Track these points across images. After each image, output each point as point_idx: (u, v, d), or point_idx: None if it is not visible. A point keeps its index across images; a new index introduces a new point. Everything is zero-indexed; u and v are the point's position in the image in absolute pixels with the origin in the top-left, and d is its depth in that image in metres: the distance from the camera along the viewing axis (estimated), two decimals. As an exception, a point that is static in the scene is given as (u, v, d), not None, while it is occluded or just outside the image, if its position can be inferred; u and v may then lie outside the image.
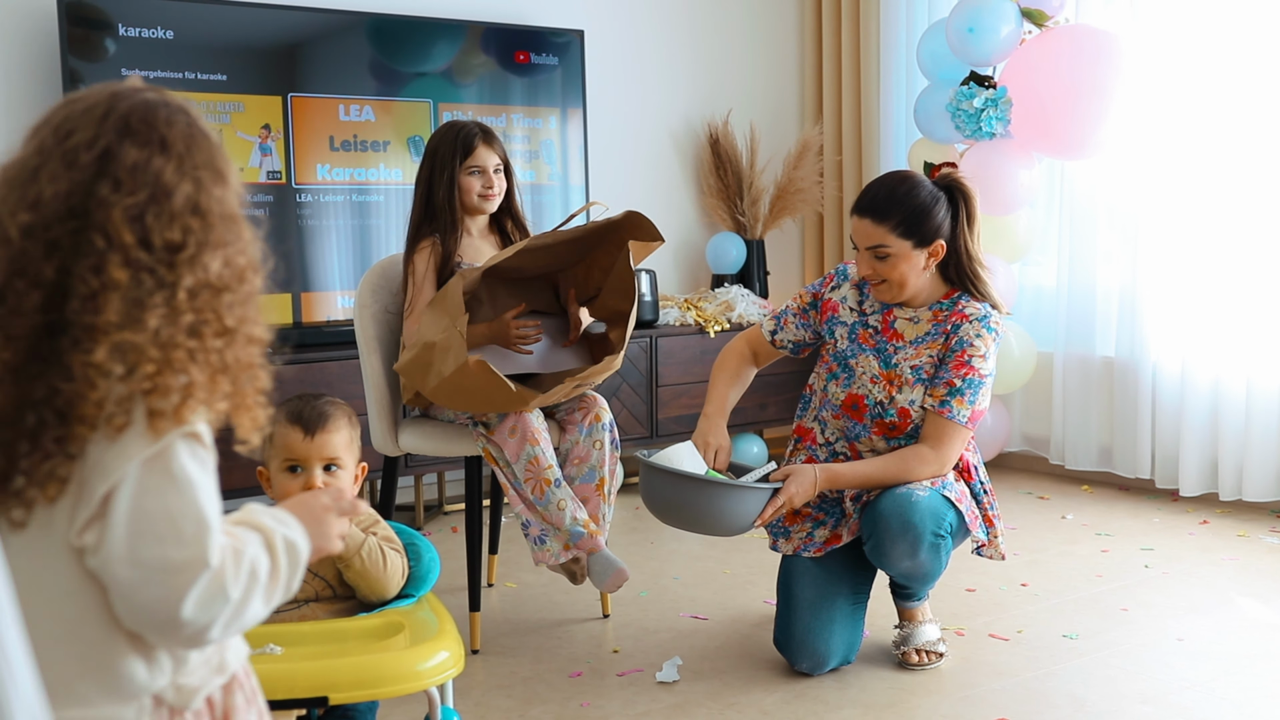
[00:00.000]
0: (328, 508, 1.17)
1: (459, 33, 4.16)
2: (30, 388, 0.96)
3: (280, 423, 1.91)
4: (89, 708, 0.99)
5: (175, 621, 0.97)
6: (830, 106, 5.02)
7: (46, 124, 1.05)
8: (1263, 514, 3.88)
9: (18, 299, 0.97)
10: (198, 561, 0.98)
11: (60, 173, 1.00)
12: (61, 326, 0.97)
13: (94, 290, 0.97)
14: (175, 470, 0.99)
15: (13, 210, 0.99)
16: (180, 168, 1.03)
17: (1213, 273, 3.95)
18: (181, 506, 0.98)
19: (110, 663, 1.00)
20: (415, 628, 1.77)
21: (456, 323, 2.57)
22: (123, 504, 0.96)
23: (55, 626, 0.99)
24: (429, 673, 1.66)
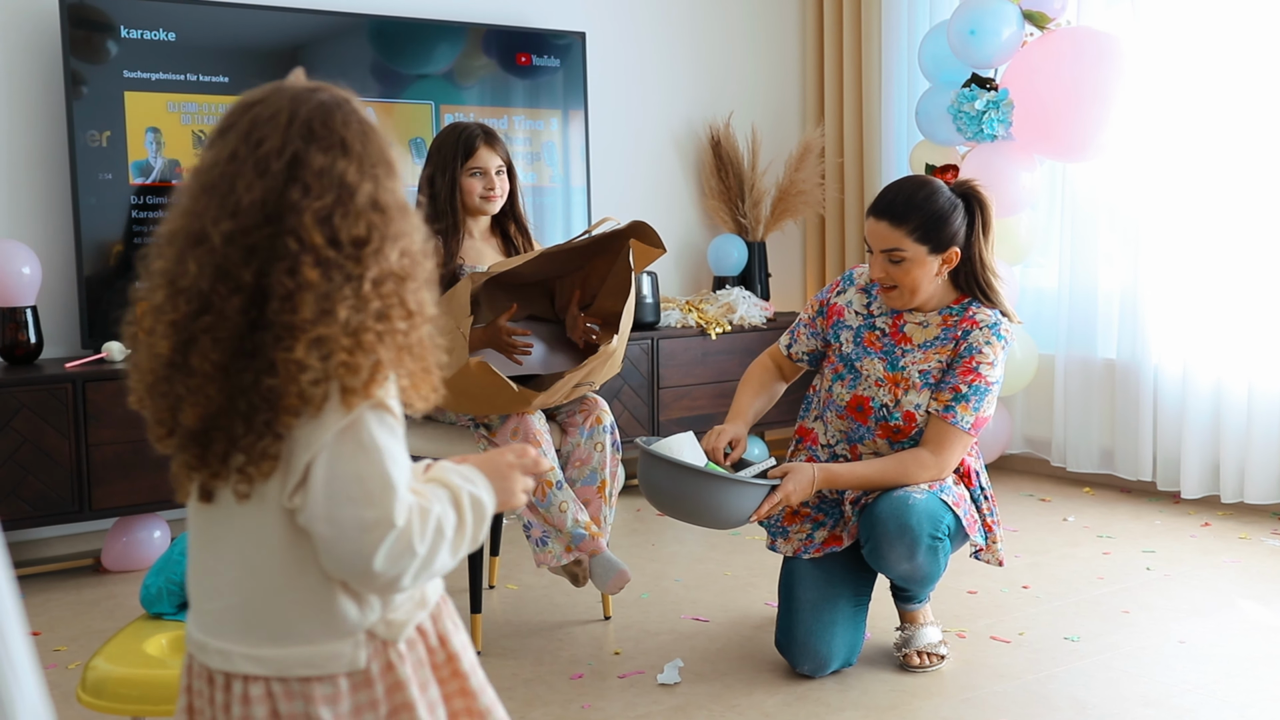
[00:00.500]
0: (512, 465, 1.25)
1: (460, 35, 4.16)
2: (239, 379, 1.07)
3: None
4: (312, 645, 1.12)
5: (369, 573, 1.09)
6: (832, 108, 5.03)
7: (233, 129, 1.11)
8: (1264, 516, 3.88)
9: (222, 304, 1.06)
10: (385, 521, 1.08)
11: (254, 180, 1.07)
12: (262, 323, 1.06)
13: (290, 291, 1.06)
14: (365, 439, 1.08)
15: (215, 218, 1.07)
16: (360, 167, 1.11)
17: (1214, 275, 3.95)
18: (370, 471, 1.08)
19: (327, 604, 1.12)
20: None
21: (460, 325, 2.57)
22: (320, 470, 1.08)
23: (279, 577, 1.12)
24: None
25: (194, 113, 3.70)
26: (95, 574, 3.50)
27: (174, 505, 3.45)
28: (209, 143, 1.12)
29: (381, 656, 1.15)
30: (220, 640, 1.14)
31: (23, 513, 3.22)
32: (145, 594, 1.89)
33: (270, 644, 1.12)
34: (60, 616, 3.11)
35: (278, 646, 1.12)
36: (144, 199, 3.62)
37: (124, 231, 3.60)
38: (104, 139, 3.56)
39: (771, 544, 2.71)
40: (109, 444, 3.32)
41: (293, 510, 1.10)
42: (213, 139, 1.12)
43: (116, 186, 3.58)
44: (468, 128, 2.90)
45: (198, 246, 1.08)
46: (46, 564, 3.54)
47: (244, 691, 1.12)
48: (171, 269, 1.08)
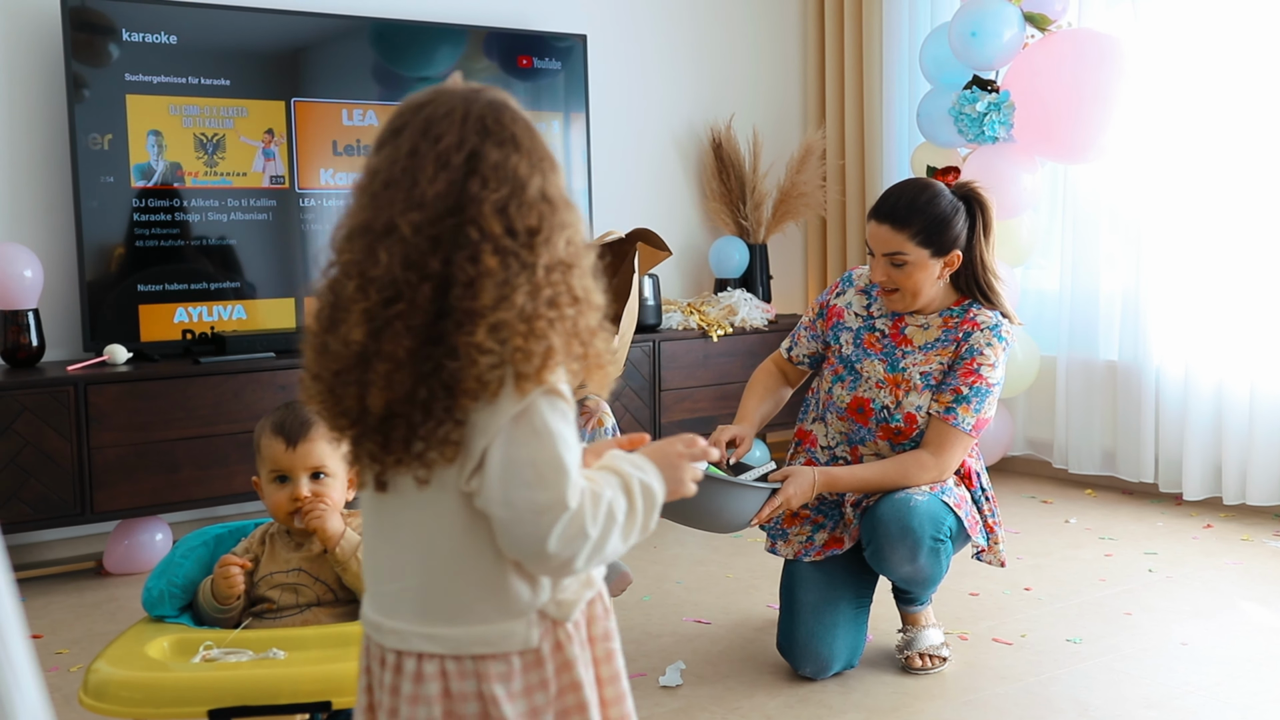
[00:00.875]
0: (681, 455, 1.29)
1: (462, 37, 4.17)
2: (424, 366, 1.11)
3: (265, 433, 1.92)
4: (487, 624, 1.17)
5: (544, 554, 1.13)
6: (833, 110, 5.03)
7: (407, 128, 1.16)
8: (1266, 518, 3.87)
9: (412, 291, 1.11)
10: (559, 503, 1.12)
11: (436, 174, 1.13)
12: (446, 310, 1.11)
13: (472, 277, 1.11)
14: (538, 424, 1.13)
15: (402, 210, 1.12)
16: (530, 162, 1.16)
17: (1216, 276, 3.95)
18: (543, 455, 1.13)
19: (501, 585, 1.17)
20: None
21: None
22: (496, 455, 1.12)
23: (457, 560, 1.17)
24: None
25: (195, 115, 3.70)
26: (97, 577, 3.50)
27: (176, 508, 3.45)
28: (380, 142, 1.18)
29: (551, 636, 1.19)
30: (396, 620, 1.18)
31: (24, 515, 3.22)
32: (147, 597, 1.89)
33: (446, 624, 1.17)
34: (62, 619, 3.11)
35: (454, 626, 1.16)
36: (145, 202, 3.63)
37: (125, 234, 3.60)
38: (105, 142, 3.56)
39: (771, 547, 2.70)
40: (110, 447, 3.32)
41: (470, 494, 1.14)
42: (384, 139, 1.18)
43: (118, 189, 3.58)
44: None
45: (387, 237, 1.12)
46: (48, 567, 3.54)
47: (417, 669, 1.16)
48: (362, 260, 1.13)
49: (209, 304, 3.75)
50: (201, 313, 3.73)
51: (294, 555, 1.91)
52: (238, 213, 3.78)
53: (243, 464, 3.49)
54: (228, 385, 3.48)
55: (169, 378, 3.40)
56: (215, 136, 3.74)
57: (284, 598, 1.88)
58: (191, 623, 1.87)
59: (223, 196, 3.75)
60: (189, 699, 1.60)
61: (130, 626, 1.85)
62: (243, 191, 3.79)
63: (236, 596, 1.86)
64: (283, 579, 1.89)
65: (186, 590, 1.92)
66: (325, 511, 1.88)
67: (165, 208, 3.66)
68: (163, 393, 3.39)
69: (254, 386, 3.51)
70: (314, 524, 1.87)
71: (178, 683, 1.64)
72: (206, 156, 3.72)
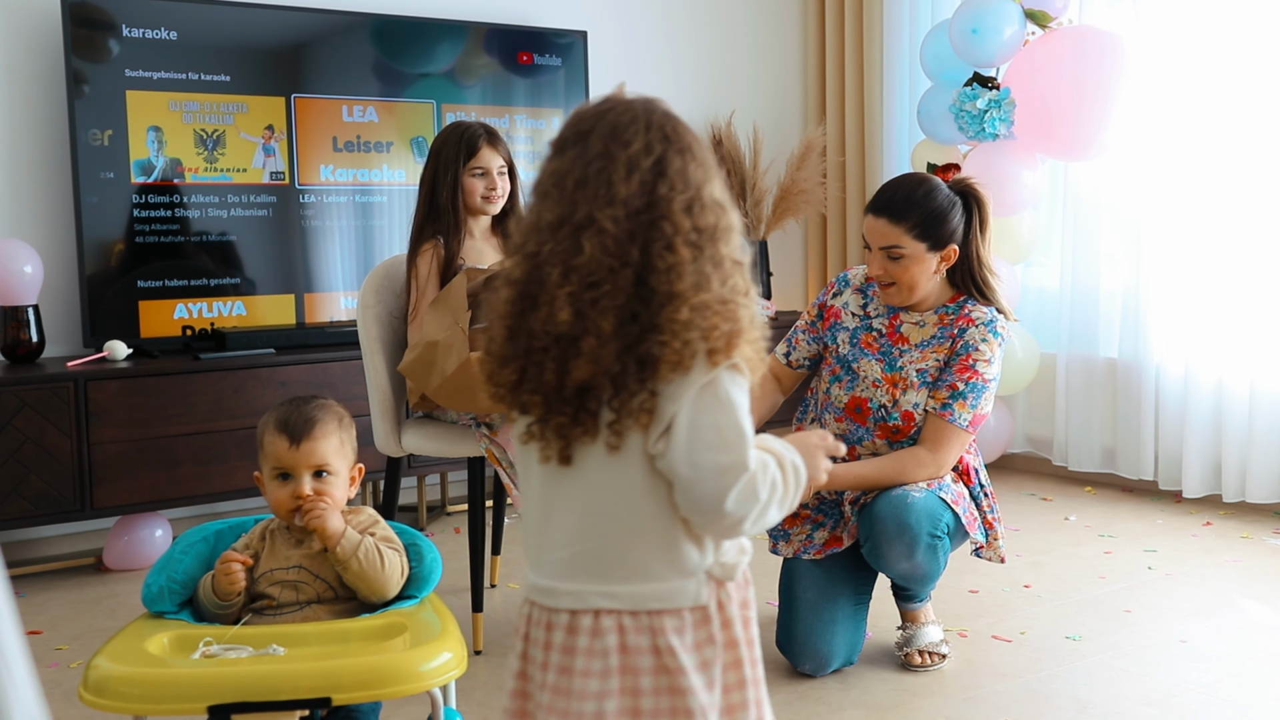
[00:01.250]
0: (817, 446, 1.42)
1: (462, 33, 4.16)
2: (624, 343, 1.23)
3: (268, 430, 1.92)
4: (664, 582, 1.27)
5: (720, 513, 1.24)
6: (833, 107, 5.02)
7: (593, 132, 1.30)
8: (1266, 515, 3.87)
9: (614, 277, 1.24)
10: (739, 465, 1.24)
11: (628, 175, 1.26)
12: (645, 294, 1.24)
13: (670, 265, 1.24)
14: (722, 394, 1.25)
15: (600, 206, 1.25)
16: (703, 169, 1.31)
17: (1216, 274, 3.94)
18: (727, 421, 1.25)
19: (675, 546, 1.28)
20: (418, 629, 1.77)
21: (459, 320, 2.57)
22: (683, 420, 1.24)
23: (638, 520, 1.27)
24: (432, 674, 1.65)
25: (195, 112, 3.70)
26: (97, 573, 3.50)
27: (176, 504, 3.45)
28: (562, 145, 1.32)
29: (715, 596, 1.30)
30: (572, 583, 1.28)
31: (24, 511, 3.22)
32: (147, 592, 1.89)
33: (624, 582, 1.27)
34: (62, 615, 3.11)
35: (632, 584, 1.27)
36: (145, 198, 3.63)
37: (126, 230, 3.60)
38: (105, 138, 3.56)
39: (773, 547, 2.70)
40: (110, 443, 3.32)
41: (654, 457, 1.26)
42: (567, 141, 1.32)
43: (118, 185, 3.58)
44: (470, 127, 2.90)
45: (587, 229, 1.25)
46: (48, 563, 3.54)
47: (594, 625, 1.26)
48: (566, 250, 1.25)
49: (209, 300, 3.75)
50: (201, 309, 3.73)
51: (295, 552, 1.91)
52: (238, 209, 3.78)
53: (242, 460, 3.49)
54: (228, 381, 3.48)
55: (169, 374, 3.40)
56: (215, 132, 3.74)
57: (284, 594, 1.88)
58: (191, 619, 1.87)
59: (223, 192, 3.75)
60: (188, 695, 1.60)
61: (130, 622, 1.85)
62: (243, 187, 3.79)
63: (237, 593, 1.86)
64: (283, 576, 1.89)
65: (186, 586, 1.92)
66: (326, 510, 1.88)
67: (165, 204, 3.66)
68: (163, 389, 3.39)
69: (254, 383, 3.51)
70: (314, 523, 1.87)
71: (177, 679, 1.64)
72: (207, 152, 3.72)
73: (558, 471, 1.30)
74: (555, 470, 1.30)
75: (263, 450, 1.93)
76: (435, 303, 2.68)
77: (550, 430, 1.28)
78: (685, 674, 1.26)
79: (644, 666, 1.26)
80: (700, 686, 1.27)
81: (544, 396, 1.27)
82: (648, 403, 1.24)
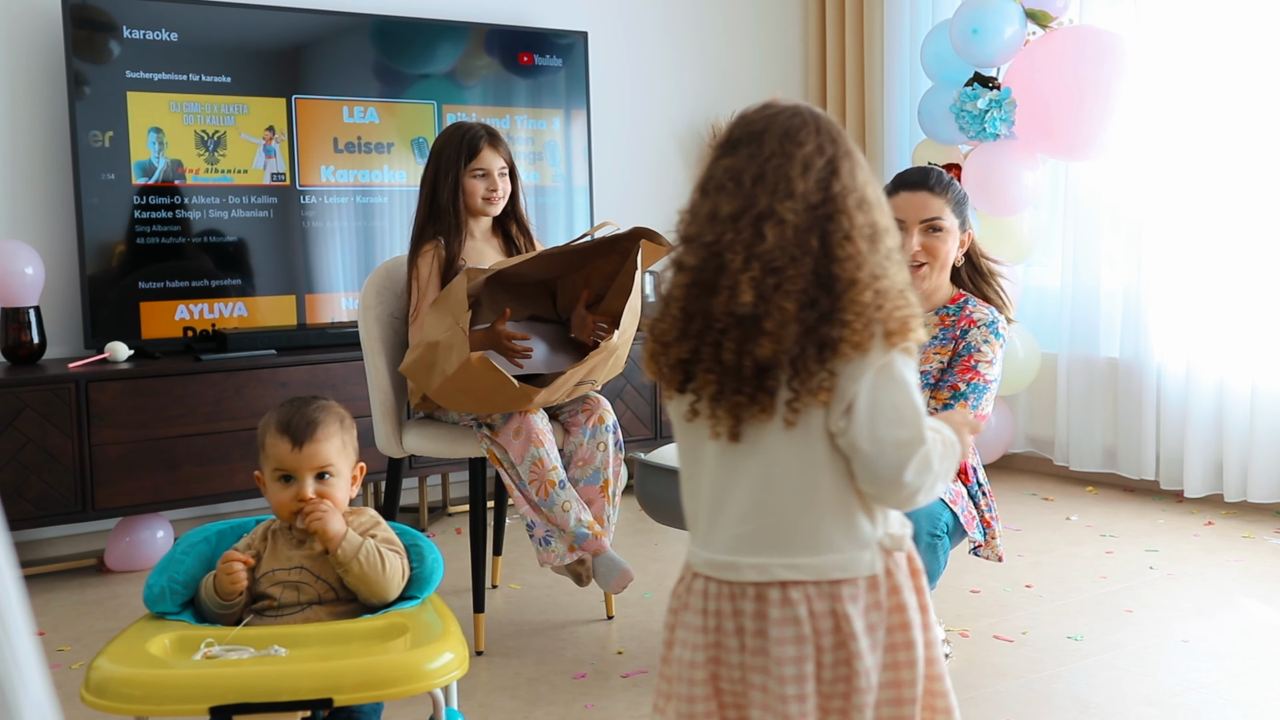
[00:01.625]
0: (963, 424, 1.51)
1: (463, 34, 4.17)
2: (803, 326, 1.32)
3: (270, 431, 1.92)
4: (842, 553, 1.37)
5: (899, 483, 1.34)
6: (834, 107, 5.02)
7: (766, 133, 1.39)
8: (1267, 515, 3.87)
9: (795, 264, 1.33)
10: (917, 439, 1.34)
11: (803, 173, 1.36)
12: (826, 281, 1.33)
13: (849, 255, 1.34)
14: (897, 374, 1.34)
15: (780, 199, 1.35)
16: (863, 170, 1.40)
17: (1217, 274, 3.94)
18: (903, 399, 1.34)
19: (851, 519, 1.37)
20: (419, 629, 1.77)
21: (459, 320, 2.57)
22: (863, 399, 1.33)
23: (819, 494, 1.36)
24: (433, 674, 1.65)
25: (196, 113, 3.70)
26: (98, 574, 3.50)
27: (177, 505, 3.45)
28: (733, 144, 1.40)
29: (884, 565, 1.39)
30: (756, 557, 1.36)
31: (26, 513, 3.22)
32: (148, 593, 1.89)
33: (808, 554, 1.36)
34: (63, 616, 3.11)
35: (814, 555, 1.36)
36: (146, 199, 3.63)
37: (126, 231, 3.60)
38: (106, 139, 3.56)
39: None
40: (112, 444, 3.32)
41: (835, 434, 1.34)
42: (740, 140, 1.40)
43: (119, 186, 3.58)
44: (471, 128, 2.90)
45: (769, 220, 1.34)
46: (50, 564, 3.55)
47: (782, 595, 1.35)
48: (748, 238, 1.35)
49: (210, 301, 3.75)
50: (202, 310, 3.73)
51: (296, 552, 1.91)
52: (238, 210, 3.78)
53: (244, 461, 3.49)
54: (229, 382, 3.48)
55: (170, 375, 3.41)
56: (216, 134, 3.74)
57: (285, 595, 1.88)
58: (192, 620, 1.87)
59: (223, 194, 3.76)
60: (190, 696, 1.60)
61: (131, 624, 1.85)
62: (243, 189, 3.79)
63: (239, 593, 1.86)
64: (285, 576, 1.89)
65: (188, 587, 1.92)
66: (327, 513, 1.87)
67: (166, 205, 3.66)
68: (164, 390, 3.39)
69: (255, 383, 3.51)
70: (315, 526, 1.87)
71: (179, 680, 1.64)
72: (207, 154, 3.72)
73: (732, 450, 1.38)
74: (729, 448, 1.38)
75: (264, 452, 1.93)
76: (436, 303, 2.68)
77: (723, 408, 1.36)
78: (856, 638, 1.36)
79: (825, 630, 1.36)
80: (866, 649, 1.36)
81: (719, 375, 1.35)
82: (827, 382, 1.32)
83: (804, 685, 1.36)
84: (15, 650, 0.87)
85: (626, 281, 2.84)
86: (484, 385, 2.59)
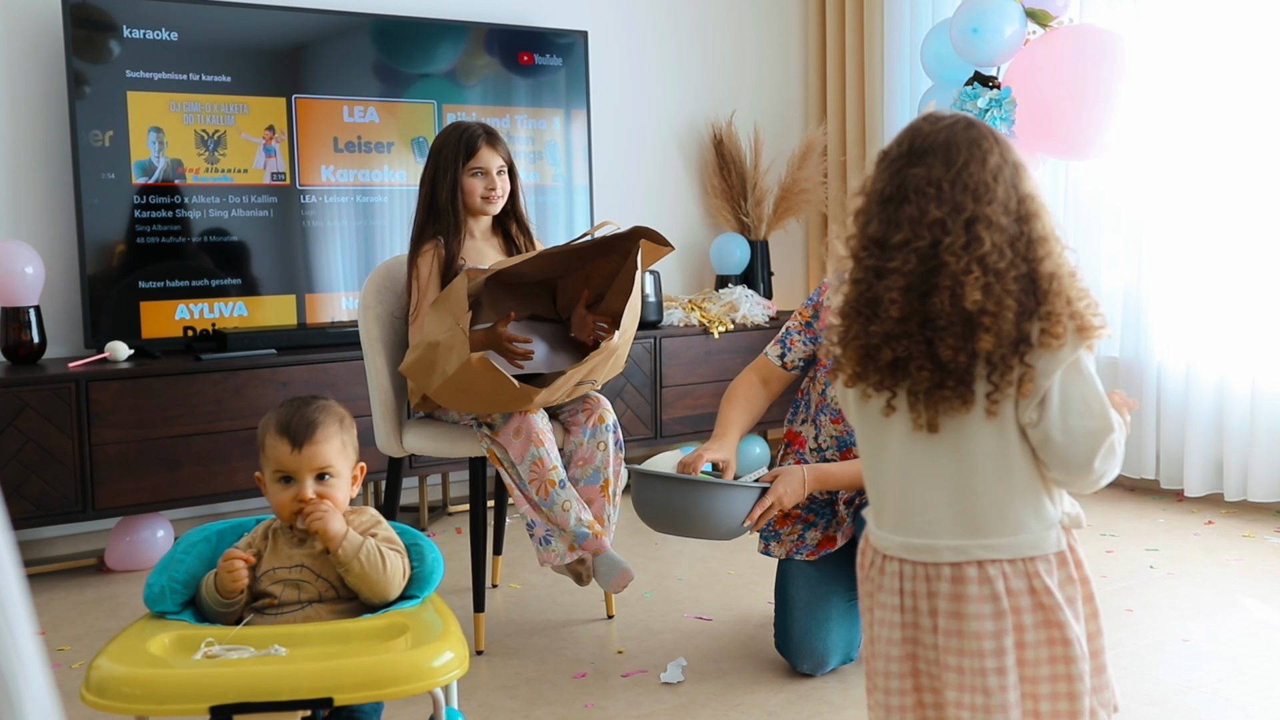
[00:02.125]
0: (1122, 403, 1.61)
1: (463, 34, 4.16)
2: (1016, 321, 1.42)
3: (269, 433, 1.91)
4: (1033, 532, 1.48)
5: (1087, 469, 1.46)
6: (834, 107, 5.02)
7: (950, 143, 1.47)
8: (1268, 514, 3.87)
9: (1009, 265, 1.43)
10: (1106, 428, 1.46)
11: (995, 180, 1.46)
12: (1031, 280, 1.44)
13: (1049, 254, 1.45)
14: (1084, 368, 1.46)
15: (985, 204, 1.44)
16: (1032, 180, 1.50)
17: (1217, 273, 3.94)
18: (1091, 392, 1.46)
19: (1039, 499, 1.49)
20: (419, 629, 1.77)
21: (460, 320, 2.57)
22: (1055, 392, 1.44)
23: (1012, 480, 1.48)
24: (434, 673, 1.66)
25: (196, 112, 3.70)
26: (98, 573, 3.50)
27: (177, 505, 3.45)
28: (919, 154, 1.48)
29: (1067, 541, 1.51)
30: (953, 539, 1.48)
31: (26, 512, 3.22)
32: (148, 593, 1.89)
33: (1003, 535, 1.47)
34: (63, 616, 3.11)
35: (1010, 536, 1.47)
36: (146, 198, 3.63)
37: (127, 231, 3.60)
38: (106, 139, 3.56)
39: (764, 549, 2.70)
40: (112, 443, 3.32)
41: (1025, 425, 1.46)
42: (926, 150, 1.48)
43: (119, 186, 3.58)
44: (469, 127, 2.89)
45: (980, 224, 1.44)
46: (50, 564, 3.55)
47: (980, 574, 1.46)
48: (965, 242, 1.43)
49: (210, 301, 3.75)
50: (203, 309, 3.73)
51: (297, 551, 1.91)
52: (239, 209, 3.78)
53: (244, 461, 3.49)
54: (229, 382, 3.48)
55: (170, 374, 3.41)
56: (216, 133, 3.74)
57: (286, 593, 1.88)
58: (193, 619, 1.87)
59: (224, 193, 3.76)
60: (190, 695, 1.60)
61: (132, 623, 1.85)
62: (244, 188, 3.79)
63: (240, 591, 1.86)
64: (285, 574, 1.89)
65: (188, 586, 1.92)
66: (327, 514, 1.87)
67: (166, 204, 3.66)
68: (164, 389, 3.39)
69: (255, 383, 3.51)
70: (316, 526, 1.87)
71: (179, 679, 1.64)
72: (207, 153, 3.72)
73: (925, 440, 1.49)
74: (920, 439, 1.49)
75: (264, 453, 1.93)
76: (436, 303, 2.68)
77: (927, 401, 1.47)
78: (1060, 609, 1.46)
79: (1025, 606, 1.46)
80: (1071, 619, 1.47)
81: (931, 371, 1.45)
82: (1026, 374, 1.43)
83: (1004, 659, 1.45)
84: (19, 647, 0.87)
85: (627, 281, 2.83)
86: (484, 385, 2.59)
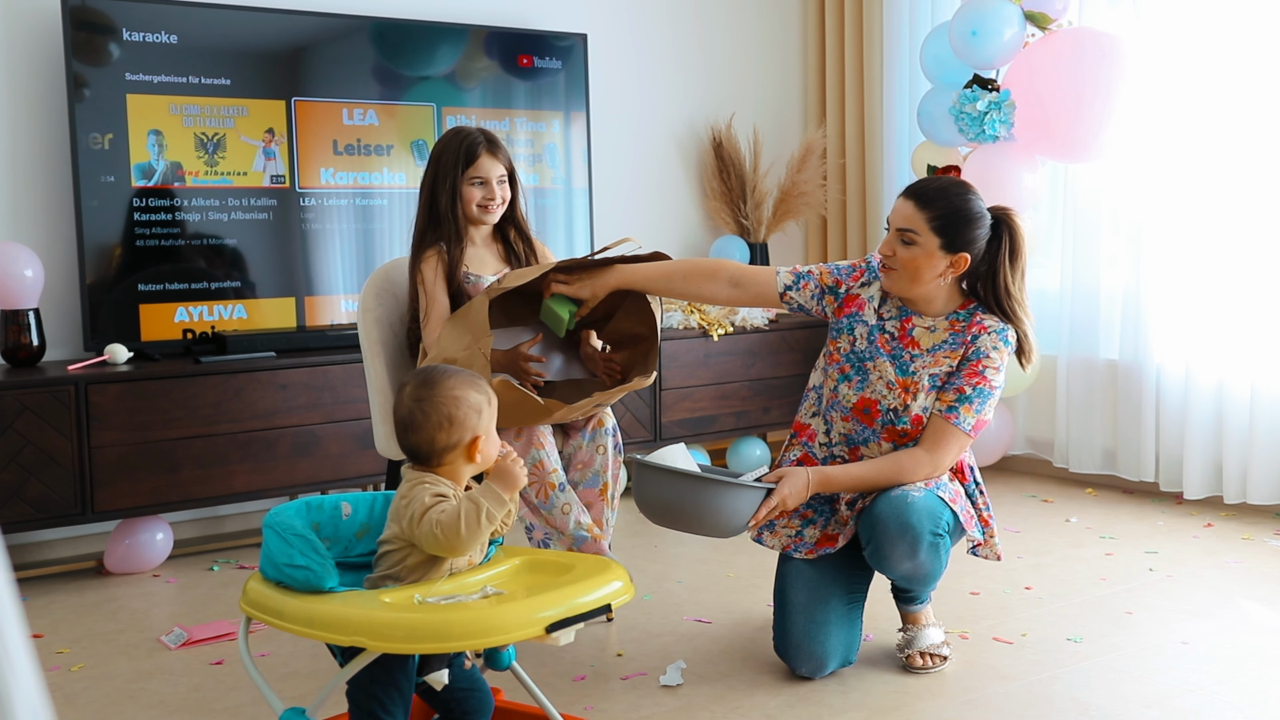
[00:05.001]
0: None
1: (462, 36, 4.17)
2: None
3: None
4: None
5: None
6: (833, 110, 5.03)
7: None
8: (1267, 517, 3.87)
9: None
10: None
11: None
12: None
13: None
14: None
15: None
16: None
17: (1216, 275, 3.95)
18: None
19: None
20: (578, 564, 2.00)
21: (480, 343, 2.56)
22: None
23: None
24: (630, 588, 1.97)
25: (196, 115, 3.70)
26: (98, 576, 3.50)
27: (176, 507, 3.45)
28: None
29: None
30: None
31: (25, 515, 3.22)
32: (308, 578, 1.81)
33: None
34: (62, 619, 3.11)
35: None
36: (146, 201, 3.63)
37: (126, 234, 3.60)
38: (106, 141, 3.56)
39: (758, 536, 2.68)
40: (111, 446, 3.32)
41: None
42: None
43: (118, 189, 3.59)
44: (470, 134, 2.87)
45: None
46: (48, 566, 3.54)
47: None
48: None
49: (209, 303, 3.75)
50: (202, 312, 3.73)
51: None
52: (238, 212, 3.78)
53: (244, 463, 3.49)
54: (228, 385, 3.48)
55: (169, 377, 3.41)
56: (216, 136, 3.74)
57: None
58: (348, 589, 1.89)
59: (223, 196, 3.76)
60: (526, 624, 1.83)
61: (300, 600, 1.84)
62: (243, 191, 3.79)
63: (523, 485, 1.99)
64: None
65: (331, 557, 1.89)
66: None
67: (166, 207, 3.66)
68: (163, 392, 3.39)
69: (254, 386, 3.51)
70: (514, 469, 1.99)
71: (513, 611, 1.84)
72: (207, 156, 3.73)
73: None
74: None
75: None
76: (454, 319, 2.67)
77: None
78: None
79: None
80: None
81: None
82: None
83: None
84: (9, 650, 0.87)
85: (636, 302, 2.82)
86: (503, 403, 2.59)
